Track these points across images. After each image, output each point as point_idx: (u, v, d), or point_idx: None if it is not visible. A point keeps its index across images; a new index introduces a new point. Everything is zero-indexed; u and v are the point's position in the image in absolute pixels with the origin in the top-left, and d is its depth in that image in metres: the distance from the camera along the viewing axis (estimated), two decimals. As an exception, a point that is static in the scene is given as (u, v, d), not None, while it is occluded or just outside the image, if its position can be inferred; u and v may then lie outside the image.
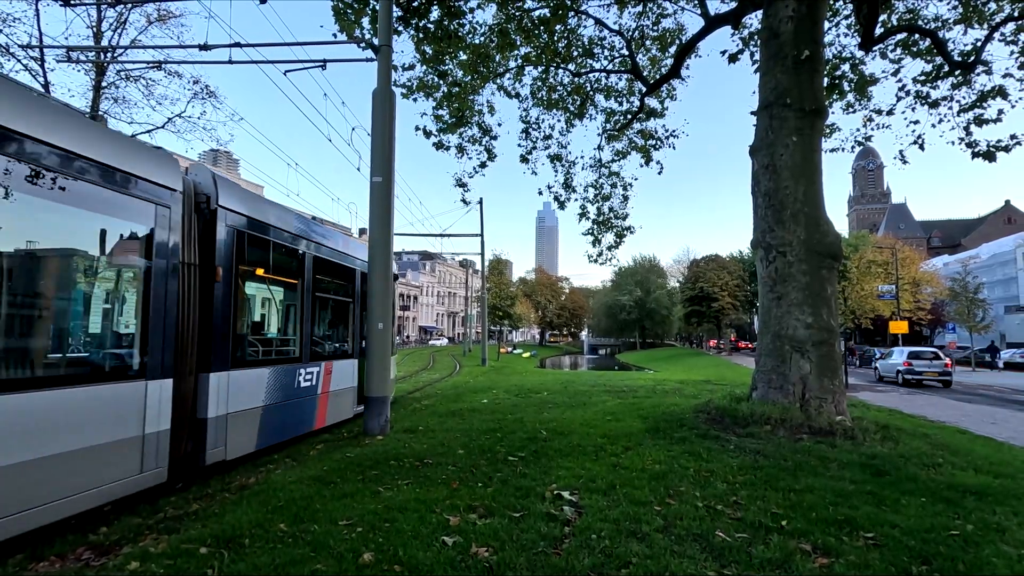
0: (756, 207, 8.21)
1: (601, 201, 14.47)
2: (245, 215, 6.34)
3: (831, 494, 4.43)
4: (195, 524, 4.07)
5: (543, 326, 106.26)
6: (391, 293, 8.39)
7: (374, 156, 8.16)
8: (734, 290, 64.87)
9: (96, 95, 14.93)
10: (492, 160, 13.47)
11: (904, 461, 5.57)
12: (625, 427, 7.67)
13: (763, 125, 8.16)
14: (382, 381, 7.88)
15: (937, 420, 10.61)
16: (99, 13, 14.64)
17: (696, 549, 3.39)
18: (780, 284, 7.68)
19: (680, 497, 4.39)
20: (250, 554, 3.37)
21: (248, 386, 6.33)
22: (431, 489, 4.64)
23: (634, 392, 13.09)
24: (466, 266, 59.03)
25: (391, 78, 8.52)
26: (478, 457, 5.87)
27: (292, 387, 7.24)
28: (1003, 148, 10.22)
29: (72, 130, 4.22)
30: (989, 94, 10.59)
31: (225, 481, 5.56)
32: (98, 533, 4.05)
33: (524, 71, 13.02)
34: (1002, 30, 10.54)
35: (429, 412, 10.00)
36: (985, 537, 3.61)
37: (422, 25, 10.71)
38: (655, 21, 12.68)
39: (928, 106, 11.73)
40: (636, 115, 13.55)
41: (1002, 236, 61.51)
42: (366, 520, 3.87)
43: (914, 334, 48.67)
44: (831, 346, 7.44)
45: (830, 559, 3.26)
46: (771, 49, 8.20)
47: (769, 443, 6.18)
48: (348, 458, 5.98)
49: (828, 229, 7.75)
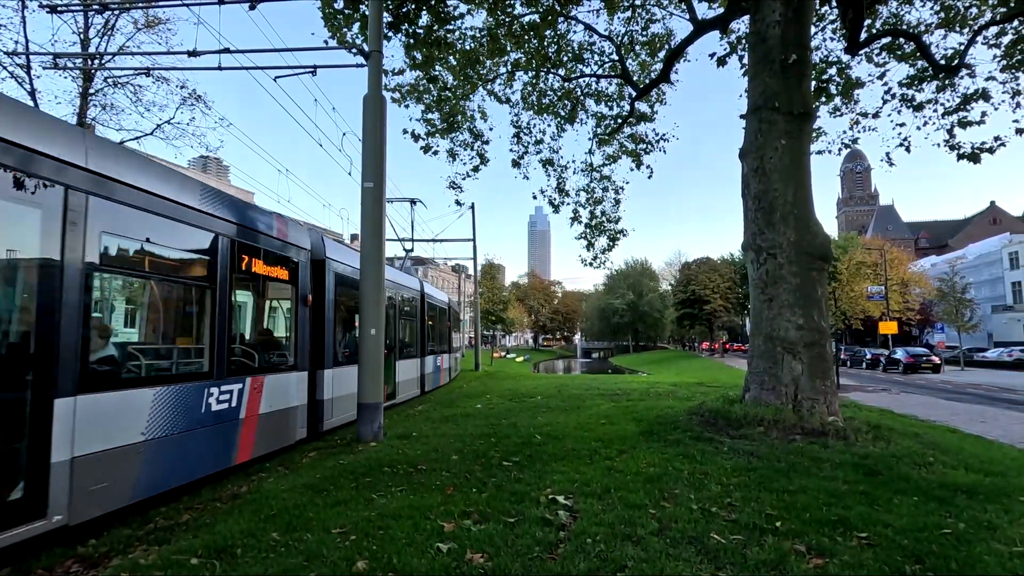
0: (746, 210, 8.27)
1: (593, 205, 14.53)
2: (338, 261, 9.13)
3: (824, 494, 4.45)
4: (186, 534, 4.02)
5: (536, 330, 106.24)
6: (384, 300, 8.45)
7: (365, 161, 8.14)
8: (726, 292, 65.24)
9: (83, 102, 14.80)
10: (484, 164, 13.51)
11: (896, 460, 5.61)
12: (619, 430, 7.67)
13: (752, 128, 8.23)
14: (375, 387, 7.84)
15: (928, 419, 10.69)
16: (86, 20, 14.53)
17: (691, 552, 3.39)
18: (771, 286, 7.73)
19: (675, 500, 4.39)
20: (242, 564, 3.32)
21: (344, 379, 9.07)
22: (425, 495, 4.61)
23: (628, 395, 13.09)
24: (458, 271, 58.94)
25: (382, 83, 8.52)
26: (472, 462, 5.84)
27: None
28: (987, 150, 10.36)
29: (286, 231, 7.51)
30: (972, 97, 10.74)
31: (216, 490, 5.50)
32: (87, 545, 3.99)
33: (515, 76, 13.07)
34: (984, 34, 10.70)
35: (423, 418, 9.95)
36: (977, 535, 3.63)
37: (411, 31, 10.72)
38: (644, 26, 12.79)
39: (913, 109, 11.88)
40: (626, 119, 13.63)
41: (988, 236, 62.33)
42: (360, 528, 3.84)
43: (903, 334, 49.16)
44: (822, 347, 7.49)
45: (824, 559, 3.27)
46: (759, 53, 8.29)
47: (762, 444, 6.20)
48: (341, 465, 5.93)
49: (818, 231, 7.82)
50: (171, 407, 5.24)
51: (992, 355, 37.39)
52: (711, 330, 71.54)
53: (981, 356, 38.18)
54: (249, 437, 6.50)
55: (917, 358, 30.65)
